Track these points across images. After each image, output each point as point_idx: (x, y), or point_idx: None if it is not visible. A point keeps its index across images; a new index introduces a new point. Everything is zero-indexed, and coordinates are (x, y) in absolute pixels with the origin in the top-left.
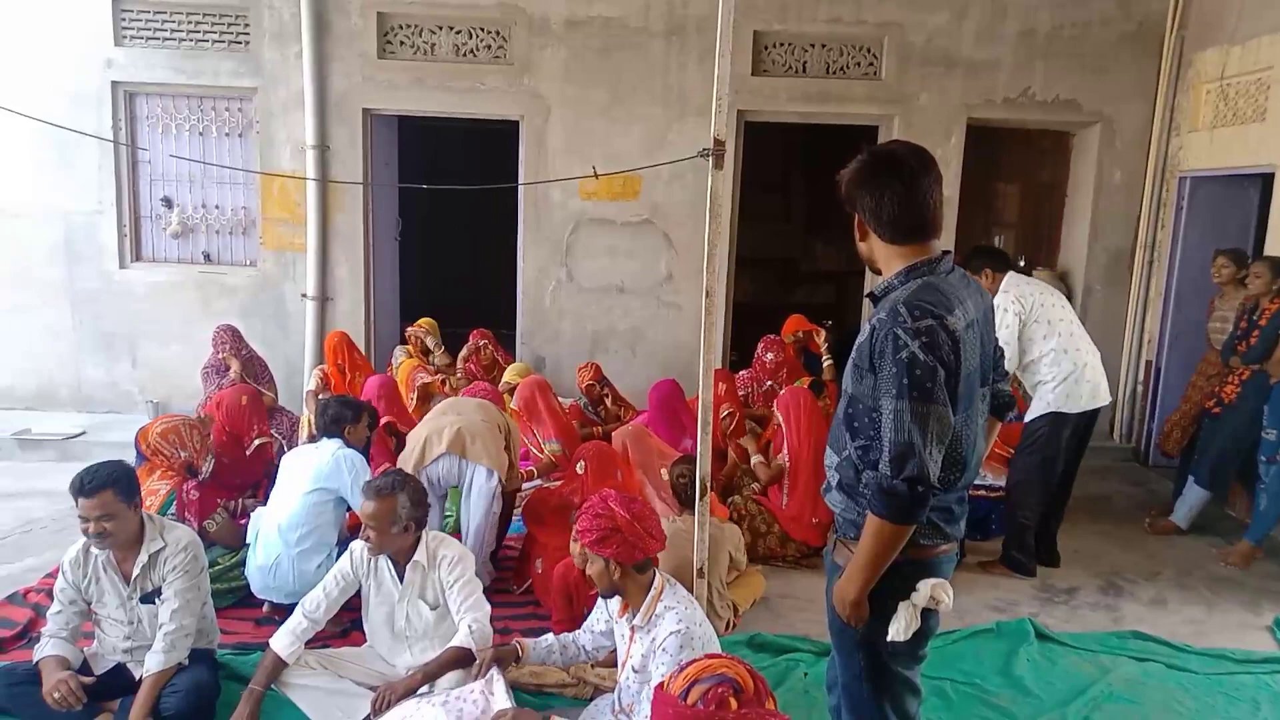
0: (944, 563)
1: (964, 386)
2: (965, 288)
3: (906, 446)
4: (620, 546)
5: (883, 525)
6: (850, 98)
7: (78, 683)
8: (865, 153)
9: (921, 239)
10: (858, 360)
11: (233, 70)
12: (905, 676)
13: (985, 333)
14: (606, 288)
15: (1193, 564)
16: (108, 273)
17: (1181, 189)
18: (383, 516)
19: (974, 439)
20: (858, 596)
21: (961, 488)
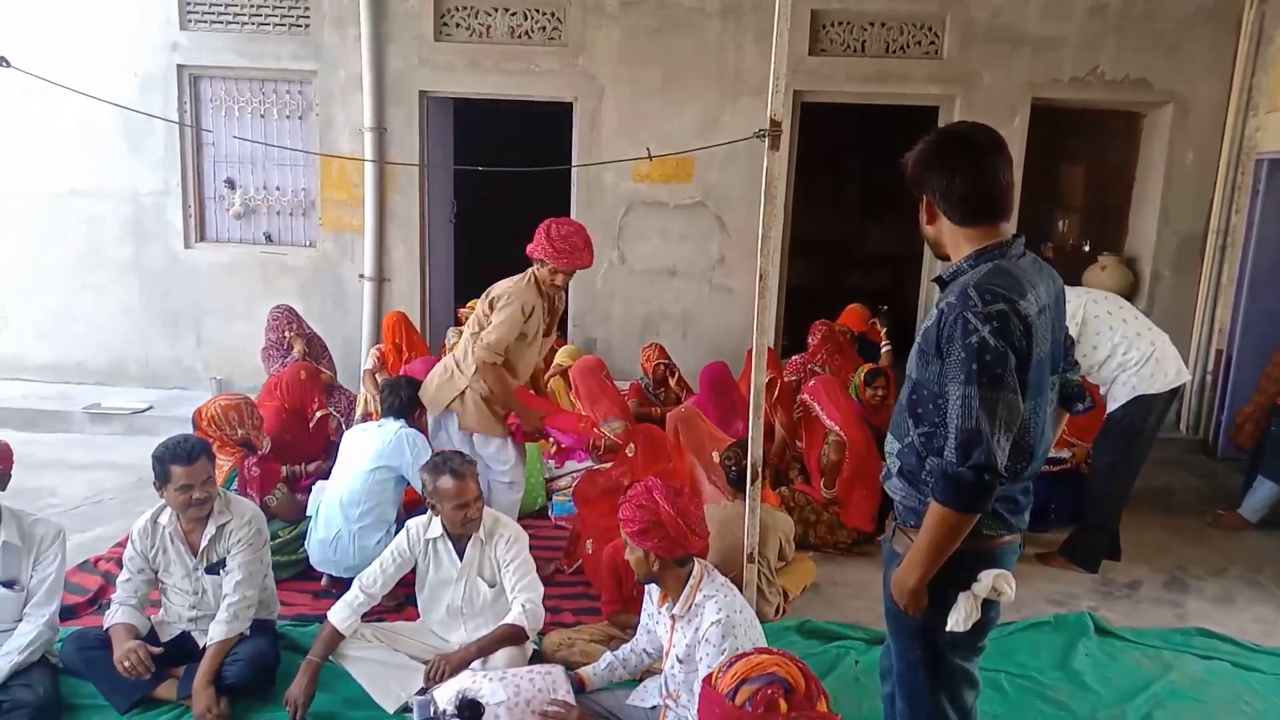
0: (1007, 553)
1: (1034, 374)
2: (1037, 272)
3: (974, 433)
4: (661, 540)
5: (946, 513)
6: (910, 77)
7: (146, 652)
8: (934, 133)
9: (992, 221)
10: (924, 345)
11: (293, 53)
12: (963, 668)
13: (1057, 319)
14: (658, 270)
15: (1262, 560)
16: (174, 252)
17: (1258, 171)
18: (475, 490)
19: (1042, 428)
20: (917, 585)
21: (1027, 478)
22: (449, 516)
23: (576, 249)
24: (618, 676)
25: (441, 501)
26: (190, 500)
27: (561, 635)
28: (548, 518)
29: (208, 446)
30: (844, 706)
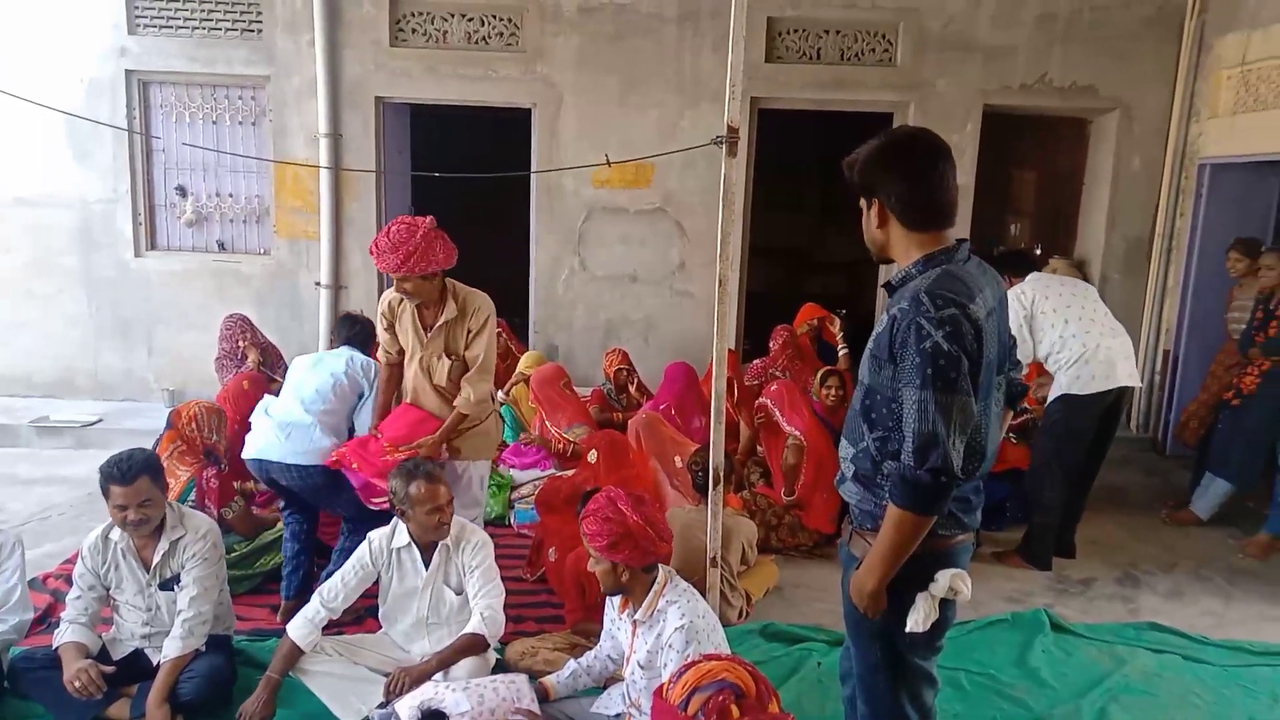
0: (961, 553)
1: (985, 376)
2: (983, 275)
3: (930, 437)
4: (632, 551)
5: (905, 516)
6: (865, 84)
7: (98, 671)
8: (883, 136)
9: (940, 226)
10: (876, 351)
11: (246, 59)
12: (922, 668)
13: (1002, 321)
14: (619, 276)
15: (1211, 555)
16: (124, 261)
17: (1201, 176)
18: (447, 495)
19: (991, 428)
20: (876, 587)
21: (979, 477)
22: (421, 522)
23: (379, 250)
24: (582, 684)
25: (414, 507)
26: (125, 520)
27: (525, 644)
28: (509, 526)
29: (153, 467)
30: (807, 708)
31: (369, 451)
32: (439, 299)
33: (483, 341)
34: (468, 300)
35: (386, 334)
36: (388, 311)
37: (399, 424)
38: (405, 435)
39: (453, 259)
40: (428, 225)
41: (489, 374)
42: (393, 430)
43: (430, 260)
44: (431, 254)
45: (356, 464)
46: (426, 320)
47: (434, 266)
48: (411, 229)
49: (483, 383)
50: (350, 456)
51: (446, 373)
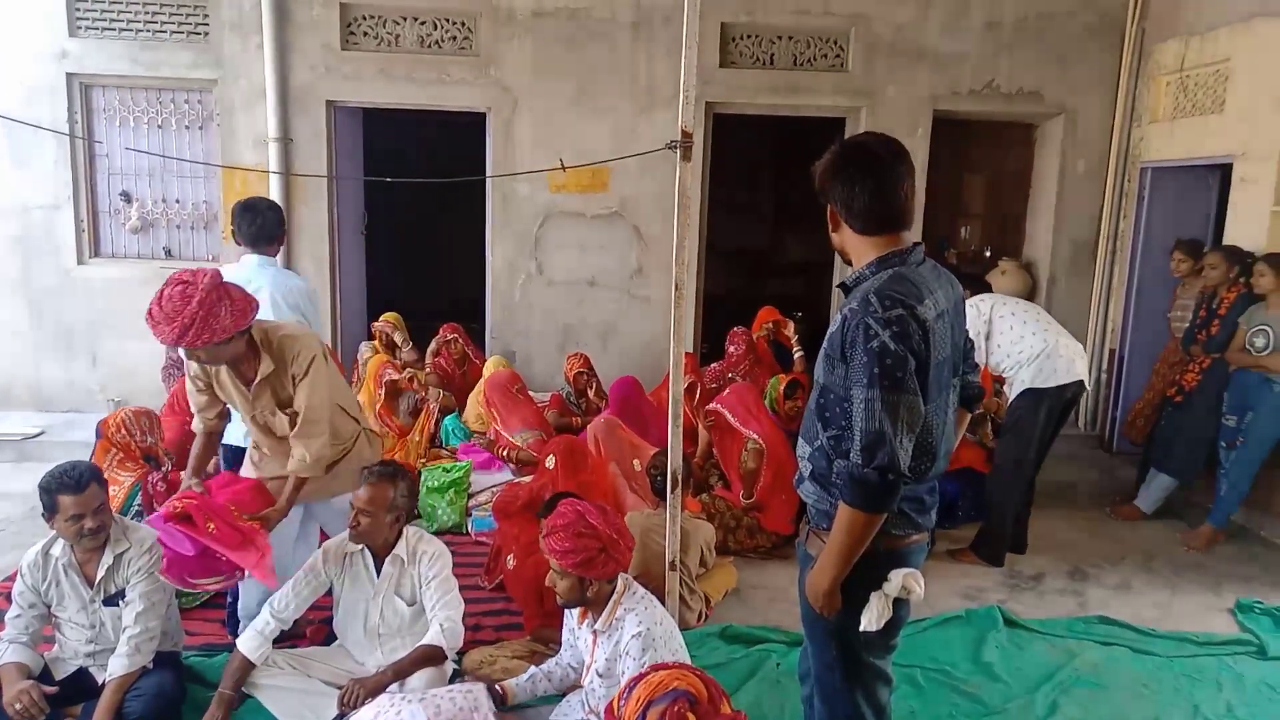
0: (915, 552)
1: (934, 376)
2: (936, 279)
3: (877, 435)
4: (604, 566)
5: (855, 514)
6: (818, 90)
7: (40, 693)
8: (838, 145)
9: (893, 230)
10: (829, 350)
11: (191, 62)
12: (877, 666)
13: (956, 323)
14: (577, 281)
15: (1157, 549)
16: (66, 269)
17: (1143, 179)
18: (380, 502)
19: (943, 429)
20: (830, 586)
21: (932, 478)
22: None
23: (153, 320)
24: (541, 690)
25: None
26: (82, 530)
27: (483, 653)
28: (467, 534)
29: (99, 473)
30: (767, 709)
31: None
32: (249, 355)
33: (306, 389)
34: (283, 347)
35: (203, 396)
36: (201, 374)
37: (237, 488)
38: (248, 503)
39: (246, 317)
40: (206, 286)
41: (319, 424)
42: (230, 493)
43: (213, 329)
44: (214, 320)
45: (214, 525)
46: (246, 376)
47: (220, 335)
48: (186, 296)
49: (316, 437)
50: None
51: (288, 425)
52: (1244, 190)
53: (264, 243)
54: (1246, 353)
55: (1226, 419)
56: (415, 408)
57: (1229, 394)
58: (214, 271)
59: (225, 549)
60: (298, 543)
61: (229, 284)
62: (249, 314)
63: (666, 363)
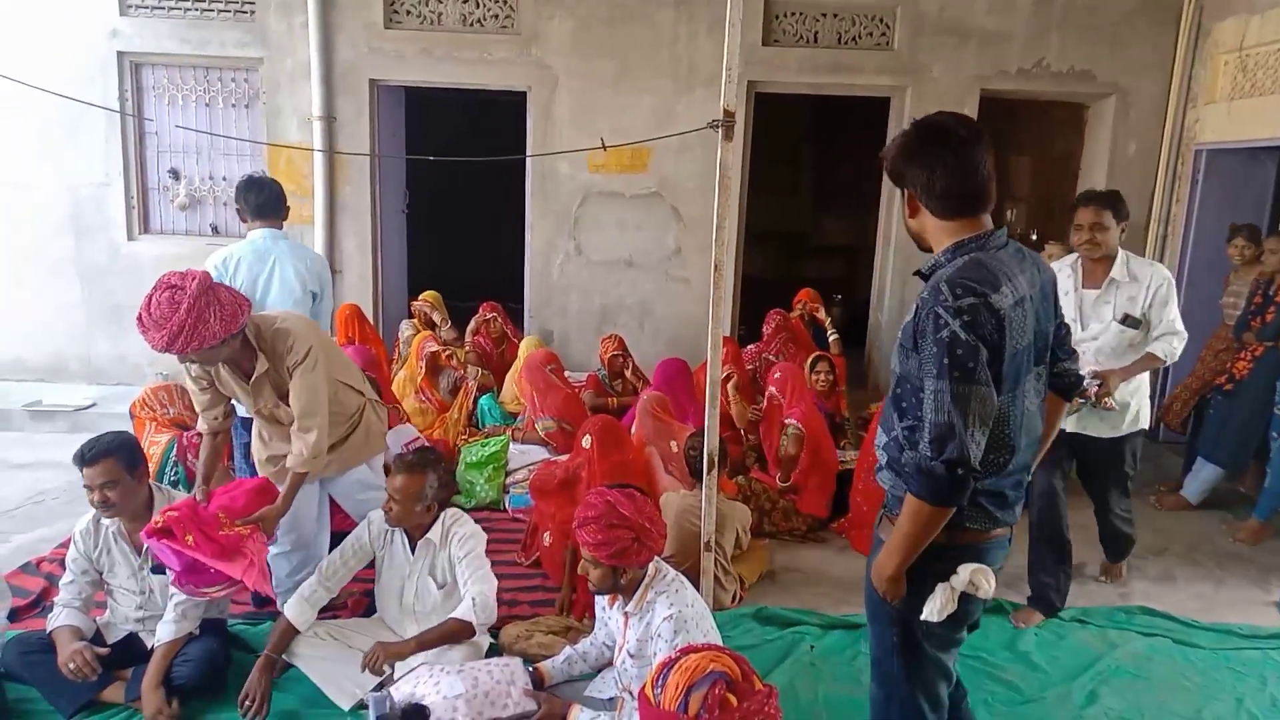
0: (991, 549)
1: (1009, 366)
2: (1019, 263)
3: (946, 428)
4: (638, 554)
5: (921, 506)
6: (862, 69)
7: (93, 654)
8: (912, 125)
9: (973, 213)
10: (903, 340)
11: (238, 40)
12: (938, 658)
13: (1042, 309)
14: (615, 261)
15: (1201, 540)
16: (116, 245)
17: (1197, 162)
18: (410, 491)
19: (1023, 420)
20: (895, 572)
21: (1014, 471)
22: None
23: (143, 326)
24: (577, 670)
25: (389, 478)
26: (94, 502)
27: (519, 628)
28: (504, 510)
29: (121, 450)
30: (799, 691)
31: (203, 522)
32: (245, 353)
33: (299, 381)
34: (275, 341)
35: (206, 395)
36: (201, 374)
37: (234, 493)
38: (243, 507)
39: (237, 321)
40: (194, 292)
41: (316, 416)
42: (225, 499)
43: (204, 335)
44: (204, 327)
45: (192, 537)
46: (245, 370)
47: (210, 341)
48: (174, 302)
49: (312, 430)
50: (186, 525)
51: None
52: None
53: (271, 214)
54: None
55: (1278, 409)
56: (455, 385)
57: None
58: (203, 274)
59: (207, 559)
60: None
61: (219, 286)
62: (239, 317)
63: (704, 344)
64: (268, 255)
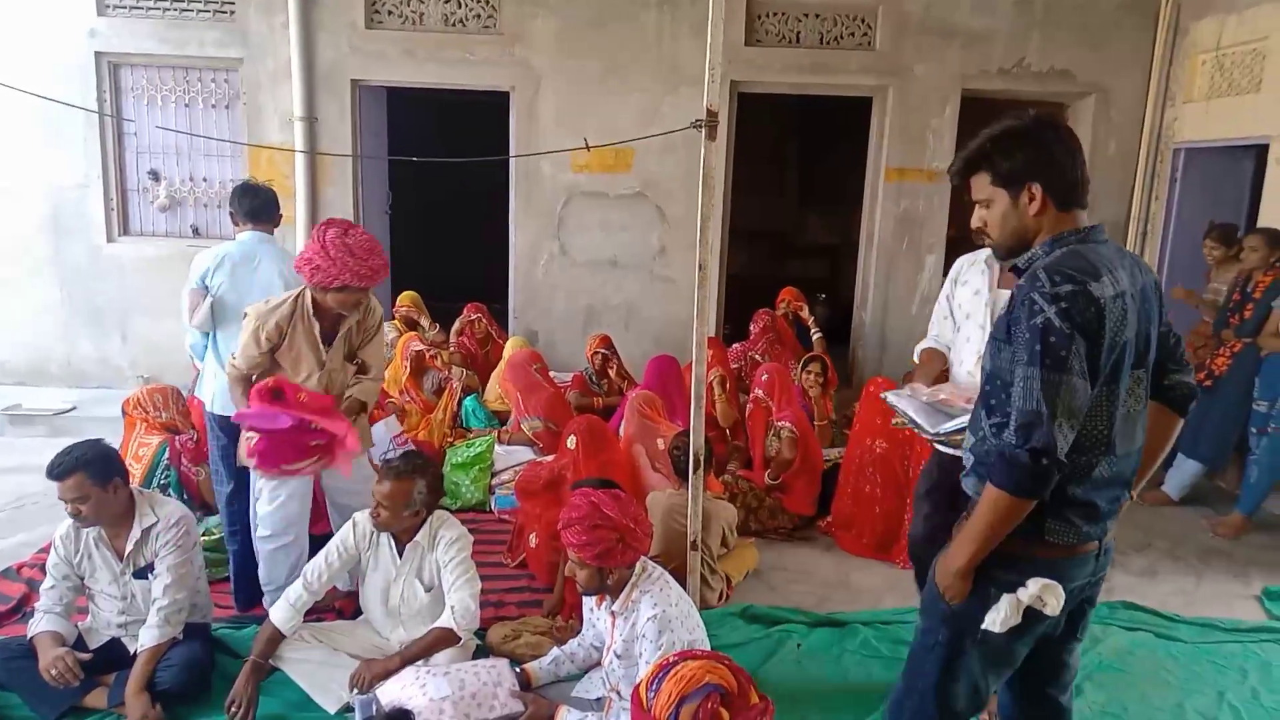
0: (1072, 566)
1: (1106, 359)
2: (1120, 258)
3: (1034, 415)
4: (623, 554)
5: (1000, 495)
6: (844, 68)
7: (74, 659)
8: (1014, 120)
9: (1081, 204)
10: (995, 333)
11: (218, 40)
12: (978, 674)
13: (1146, 310)
14: (599, 261)
15: (1183, 535)
16: (96, 247)
17: (1176, 160)
18: (398, 498)
19: (1119, 422)
20: (965, 567)
21: (1108, 480)
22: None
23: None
24: (564, 671)
25: (376, 484)
26: (68, 513)
27: (506, 628)
28: (490, 511)
29: (91, 463)
30: (786, 689)
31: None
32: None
33: (376, 341)
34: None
35: (261, 357)
36: (274, 333)
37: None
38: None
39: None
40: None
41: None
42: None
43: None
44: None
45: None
46: (329, 332)
47: (384, 278)
48: (369, 235)
49: (379, 381)
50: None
51: (347, 379)
52: None
53: (263, 219)
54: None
55: (1258, 404)
56: (439, 386)
57: (1261, 379)
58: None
59: (318, 416)
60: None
61: None
62: None
63: (689, 344)
64: (253, 256)
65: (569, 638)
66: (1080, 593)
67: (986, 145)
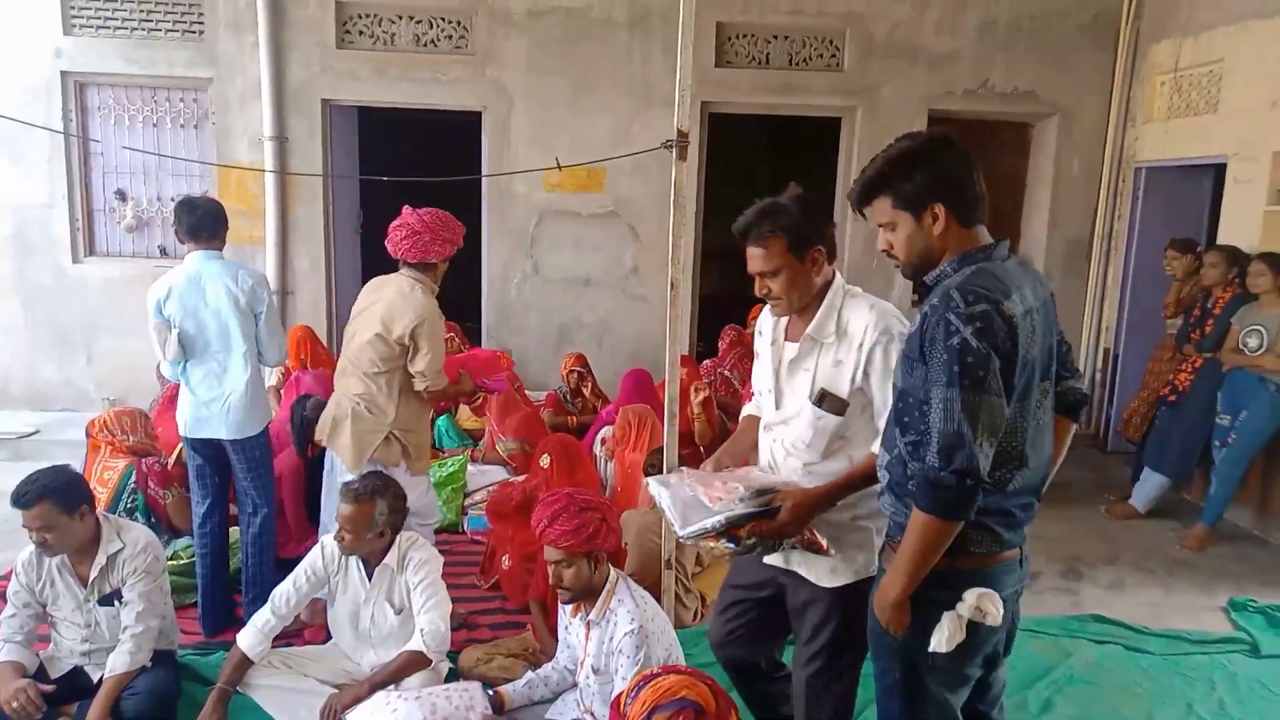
0: (1002, 573)
1: (1020, 376)
2: (1024, 275)
3: (956, 437)
4: (608, 536)
5: (929, 520)
6: (813, 89)
7: (36, 691)
8: (910, 141)
9: (982, 221)
10: (908, 351)
11: (187, 60)
12: (944, 700)
13: (1046, 322)
14: (572, 280)
15: (1150, 548)
16: (61, 267)
17: (1137, 179)
18: (359, 520)
19: (1032, 434)
20: (899, 597)
21: (1022, 490)
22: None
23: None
24: (538, 695)
25: (338, 509)
26: (33, 540)
27: (479, 651)
28: (463, 532)
29: (57, 492)
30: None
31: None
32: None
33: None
34: None
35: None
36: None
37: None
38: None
39: None
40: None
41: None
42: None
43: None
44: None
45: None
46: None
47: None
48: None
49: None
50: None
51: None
52: (1238, 191)
53: (204, 235)
54: (1240, 352)
55: (1221, 418)
56: None
57: (1223, 393)
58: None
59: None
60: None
61: None
62: None
63: (662, 362)
64: (199, 278)
65: (543, 661)
66: (1009, 604)
67: (884, 168)
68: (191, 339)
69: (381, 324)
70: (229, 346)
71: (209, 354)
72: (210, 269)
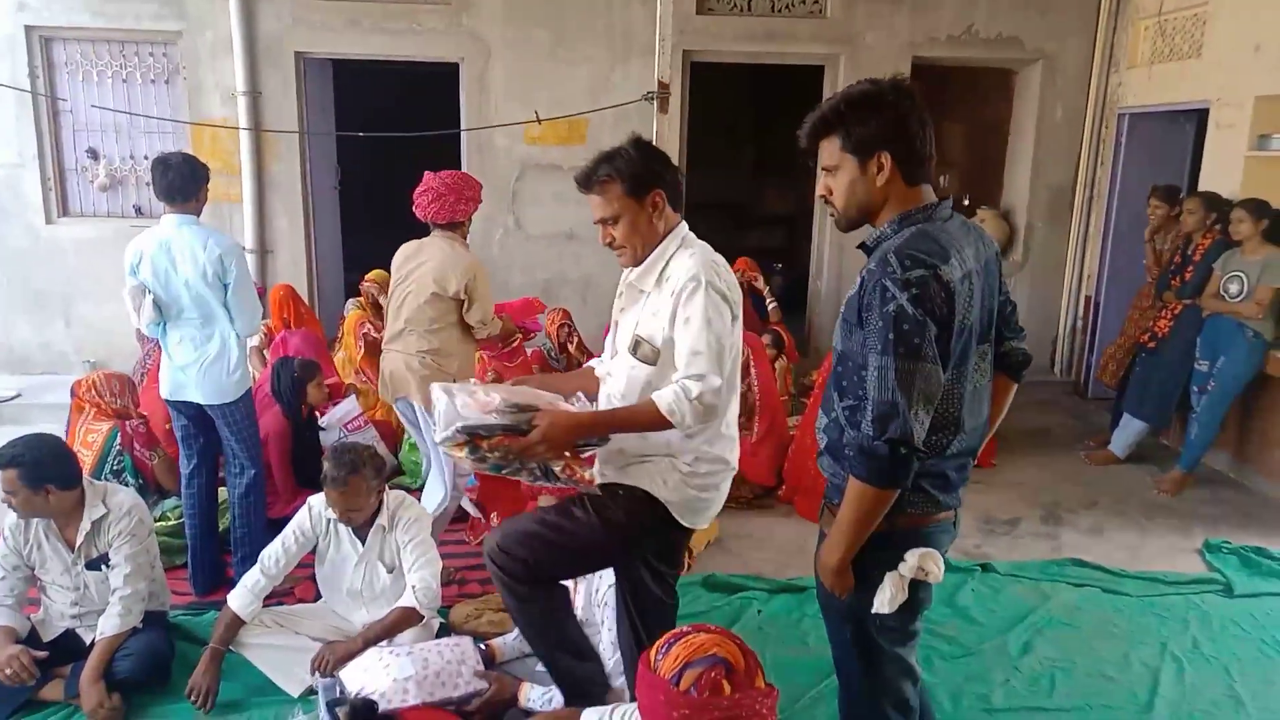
0: (938, 532)
1: (956, 343)
2: (965, 235)
3: (890, 406)
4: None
5: (864, 489)
6: (796, 37)
7: (30, 658)
8: (870, 85)
9: (926, 179)
10: (846, 315)
11: (155, 13)
12: (897, 655)
13: (988, 284)
14: (555, 235)
15: (1128, 492)
16: (34, 229)
17: (1121, 125)
18: (357, 495)
19: (969, 399)
20: (840, 564)
21: (958, 453)
22: (332, 503)
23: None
24: (529, 647)
25: (329, 493)
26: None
27: (469, 606)
28: None
29: (27, 462)
30: None
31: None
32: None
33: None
34: None
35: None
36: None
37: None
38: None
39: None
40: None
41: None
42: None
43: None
44: None
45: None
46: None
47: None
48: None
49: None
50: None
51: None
52: (1220, 136)
53: (179, 198)
54: (1220, 299)
55: (1199, 364)
56: None
57: (1202, 339)
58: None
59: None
60: None
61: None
62: None
63: None
64: (169, 246)
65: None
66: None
67: (841, 107)
68: (166, 305)
69: (435, 283)
70: (203, 313)
71: (184, 319)
72: (181, 236)
